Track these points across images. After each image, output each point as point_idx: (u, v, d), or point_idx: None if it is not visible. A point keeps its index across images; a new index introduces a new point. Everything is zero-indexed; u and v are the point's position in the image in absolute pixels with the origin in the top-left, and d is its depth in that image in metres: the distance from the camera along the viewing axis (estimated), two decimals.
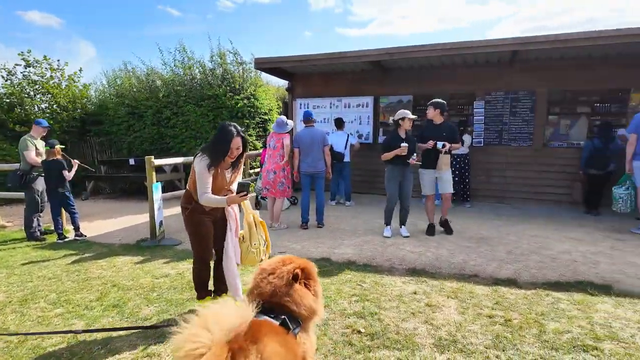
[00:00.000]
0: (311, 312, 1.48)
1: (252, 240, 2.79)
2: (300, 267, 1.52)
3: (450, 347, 2.28)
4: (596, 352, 2.19)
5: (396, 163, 4.70)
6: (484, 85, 7.39)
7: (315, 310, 1.49)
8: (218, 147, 2.59)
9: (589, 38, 5.73)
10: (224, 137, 2.57)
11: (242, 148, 2.67)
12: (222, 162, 2.65)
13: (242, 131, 2.67)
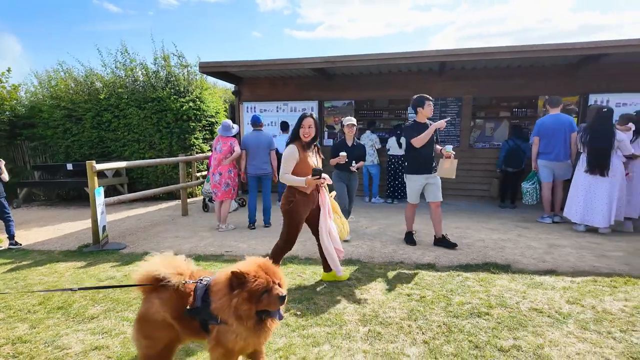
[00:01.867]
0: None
1: (340, 214, 3.55)
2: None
3: (372, 320, 2.66)
4: (487, 316, 2.68)
5: (340, 168, 4.91)
6: (418, 91, 7.93)
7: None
8: (294, 129, 3.15)
9: (504, 52, 6.51)
10: (298, 119, 3.14)
11: (315, 131, 3.12)
12: (302, 143, 3.13)
13: (313, 114, 3.16)
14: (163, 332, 1.78)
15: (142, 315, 1.80)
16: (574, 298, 2.95)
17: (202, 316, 1.70)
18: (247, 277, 1.63)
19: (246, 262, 1.74)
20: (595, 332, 2.43)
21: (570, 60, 6.83)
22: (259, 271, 1.67)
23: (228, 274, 1.67)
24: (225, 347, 1.68)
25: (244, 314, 1.62)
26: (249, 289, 1.62)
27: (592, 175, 4.80)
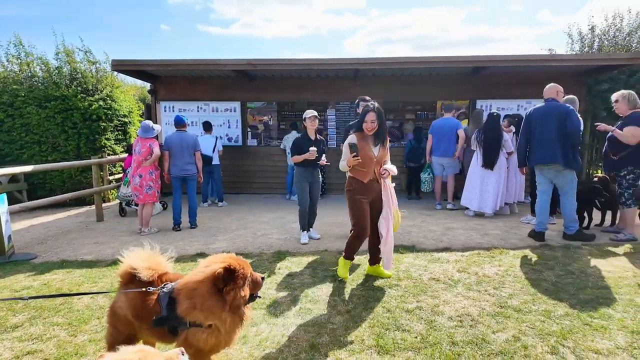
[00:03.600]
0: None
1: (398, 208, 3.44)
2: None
3: (302, 299, 3.02)
4: (397, 287, 3.21)
5: (306, 165, 4.61)
6: (335, 95, 8.68)
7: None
8: (358, 120, 3.30)
9: (410, 62, 7.38)
10: (362, 112, 3.25)
11: (379, 123, 3.20)
12: (364, 134, 3.25)
13: (378, 107, 3.23)
14: (124, 327, 1.89)
15: (111, 305, 1.93)
16: (463, 268, 3.65)
17: (170, 323, 1.75)
18: (235, 269, 1.72)
19: (214, 257, 1.83)
20: (477, 291, 3.10)
21: (461, 70, 7.98)
22: (237, 261, 1.78)
23: (208, 273, 1.71)
24: (196, 348, 1.75)
25: (242, 301, 1.72)
26: (241, 277, 1.73)
27: (486, 169, 5.77)
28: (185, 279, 1.81)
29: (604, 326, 2.44)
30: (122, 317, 1.89)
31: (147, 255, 1.95)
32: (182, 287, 1.77)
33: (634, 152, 4.22)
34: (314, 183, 4.80)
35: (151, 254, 1.97)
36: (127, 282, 1.91)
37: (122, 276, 1.92)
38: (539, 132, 4.39)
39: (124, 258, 1.92)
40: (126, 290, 1.87)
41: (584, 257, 3.83)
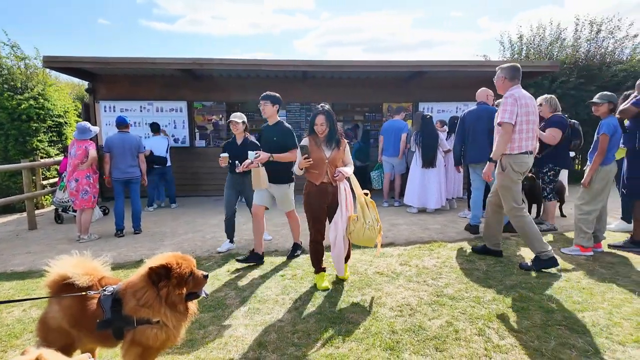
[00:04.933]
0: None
1: (367, 219, 3.14)
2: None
3: (251, 299, 3.05)
4: (344, 282, 3.35)
5: (232, 172, 4.40)
6: (285, 96, 8.64)
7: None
8: (309, 123, 3.34)
9: (354, 65, 7.63)
10: (312, 115, 3.28)
11: (328, 126, 3.21)
12: (316, 137, 3.26)
13: (328, 110, 3.26)
14: (58, 338, 1.81)
15: (42, 317, 1.83)
16: (404, 261, 3.87)
17: (116, 325, 1.75)
18: (171, 266, 1.77)
19: (158, 257, 1.86)
20: (416, 282, 3.31)
21: (403, 74, 8.36)
22: (177, 259, 1.82)
23: (145, 271, 1.78)
24: (145, 346, 1.75)
25: (177, 299, 1.77)
26: (177, 275, 1.76)
27: (425, 168, 6.11)
28: (130, 278, 1.85)
29: (524, 308, 2.73)
30: (55, 328, 1.82)
31: (79, 261, 1.89)
32: (127, 286, 1.81)
33: (554, 151, 4.71)
34: (244, 191, 4.45)
35: (83, 260, 1.91)
36: (56, 292, 1.83)
37: (50, 286, 1.84)
38: (472, 133, 4.76)
39: (52, 267, 1.84)
40: (53, 301, 1.82)
41: (511, 247, 4.22)
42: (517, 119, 3.39)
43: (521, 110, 3.38)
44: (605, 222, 4.03)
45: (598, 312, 2.61)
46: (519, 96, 3.41)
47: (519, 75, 3.56)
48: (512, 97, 3.41)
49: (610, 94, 3.81)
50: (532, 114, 3.45)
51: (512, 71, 3.55)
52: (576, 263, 3.63)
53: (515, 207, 3.51)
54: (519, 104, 3.39)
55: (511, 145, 3.44)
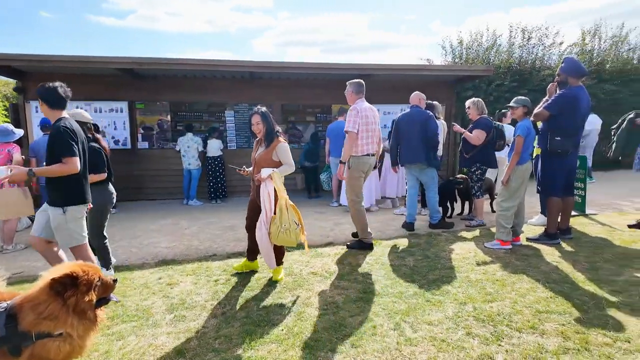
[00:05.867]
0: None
1: (282, 222, 3.20)
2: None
3: (178, 307, 3.00)
4: (277, 284, 3.38)
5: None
6: (233, 97, 8.62)
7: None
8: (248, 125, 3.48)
9: (296, 67, 7.69)
10: (249, 116, 3.41)
11: (264, 126, 3.34)
12: (256, 138, 3.49)
13: (263, 111, 3.38)
14: None
15: None
16: (340, 260, 3.98)
17: (12, 343, 1.68)
18: (77, 274, 1.73)
19: (60, 267, 1.81)
20: (347, 281, 3.42)
21: (351, 76, 8.50)
22: (82, 267, 1.79)
23: (47, 283, 1.72)
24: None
25: (87, 306, 1.74)
26: (85, 282, 1.74)
27: None
28: (27, 292, 1.78)
29: (441, 301, 2.91)
30: None
31: None
32: (23, 301, 1.75)
33: (481, 152, 5.02)
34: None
35: None
36: None
37: None
38: (406, 135, 4.96)
39: None
40: None
41: (441, 243, 4.45)
42: (359, 127, 4.03)
43: (362, 120, 4.04)
44: (523, 217, 4.36)
45: (505, 302, 2.83)
46: (360, 109, 4.06)
47: (363, 90, 4.26)
48: (355, 109, 4.05)
49: (525, 99, 4.13)
50: (371, 124, 4.13)
51: (358, 86, 4.22)
52: (495, 256, 3.90)
53: (355, 200, 4.24)
54: (360, 115, 4.04)
55: (356, 149, 4.10)
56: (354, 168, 4.17)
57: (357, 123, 4.03)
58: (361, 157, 4.14)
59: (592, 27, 11.44)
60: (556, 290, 3.00)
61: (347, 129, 4.05)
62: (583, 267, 3.48)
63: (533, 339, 2.31)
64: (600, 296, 2.85)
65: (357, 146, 4.10)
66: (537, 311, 2.66)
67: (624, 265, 3.48)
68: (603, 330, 2.36)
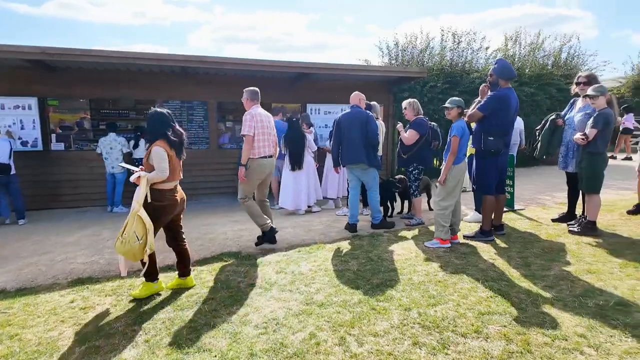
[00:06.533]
0: None
1: (125, 231, 2.94)
2: None
3: (93, 337, 2.58)
4: (211, 301, 3.06)
5: None
6: (163, 93, 7.97)
7: None
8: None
9: (237, 63, 7.30)
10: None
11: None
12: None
13: (151, 111, 3.21)
14: None
15: None
16: (281, 268, 3.74)
17: None
18: None
19: None
20: (289, 291, 3.20)
21: (290, 75, 8.32)
22: None
23: None
24: None
25: None
26: None
27: (294, 171, 6.12)
28: None
29: (386, 308, 2.81)
30: None
31: None
32: None
33: (418, 152, 5.08)
34: None
35: None
36: None
37: None
38: (347, 136, 4.86)
39: None
40: None
41: (383, 244, 4.41)
42: (255, 131, 4.23)
43: (257, 124, 4.26)
44: (460, 215, 4.47)
45: (448, 305, 2.81)
46: (255, 114, 4.29)
47: (258, 97, 4.47)
48: (250, 114, 4.27)
49: (458, 99, 4.22)
50: (266, 128, 4.38)
51: (253, 94, 4.43)
52: (436, 255, 3.93)
53: (243, 198, 4.44)
54: (255, 119, 4.25)
55: (253, 152, 4.28)
56: (252, 169, 4.33)
57: (253, 127, 4.22)
58: (259, 159, 4.32)
59: (513, 34, 12.41)
60: (495, 288, 3.04)
61: (243, 133, 4.25)
62: (517, 263, 3.61)
63: (478, 344, 2.28)
64: (535, 293, 2.94)
65: (254, 149, 4.28)
66: (479, 313, 2.65)
67: (552, 259, 3.67)
68: (542, 329, 2.40)
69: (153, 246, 3.07)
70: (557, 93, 11.25)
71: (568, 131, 4.63)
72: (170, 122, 3.24)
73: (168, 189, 3.18)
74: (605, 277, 3.15)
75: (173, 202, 3.23)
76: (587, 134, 4.13)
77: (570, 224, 4.69)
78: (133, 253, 2.96)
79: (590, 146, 4.14)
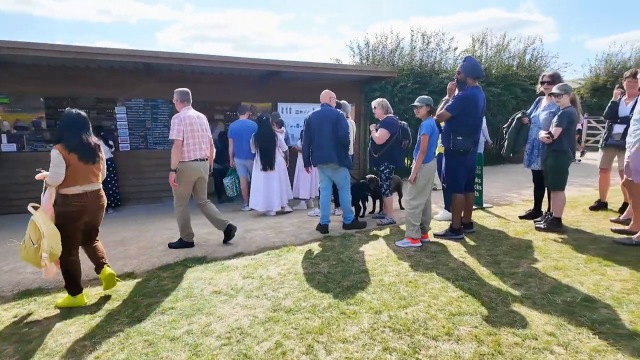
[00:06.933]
0: None
1: (26, 234, 2.86)
2: None
3: (36, 355, 2.33)
4: (171, 310, 2.87)
5: None
6: (125, 91, 7.59)
7: None
8: None
9: (204, 60, 7.03)
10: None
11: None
12: None
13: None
14: None
15: None
16: (249, 273, 3.58)
17: None
18: None
19: None
20: (256, 297, 3.05)
21: (261, 73, 8.13)
22: None
23: None
24: None
25: None
26: None
27: (265, 171, 5.96)
28: None
29: (356, 312, 2.71)
30: None
31: None
32: None
33: (388, 151, 5.04)
34: None
35: None
36: None
37: None
38: (318, 135, 4.75)
39: None
40: None
41: (355, 244, 4.33)
42: (184, 135, 4.15)
43: (186, 128, 4.18)
44: (430, 214, 4.45)
45: (419, 306, 2.74)
46: (184, 117, 4.21)
47: (189, 98, 4.42)
48: (178, 118, 4.19)
49: (427, 98, 4.19)
50: (196, 130, 4.29)
51: (183, 95, 4.37)
52: (407, 255, 3.88)
53: (177, 203, 4.39)
54: (183, 122, 4.17)
55: (183, 155, 4.20)
56: (183, 174, 4.26)
57: (181, 131, 4.14)
58: (189, 162, 4.25)
59: (480, 35, 12.72)
60: (465, 288, 3.01)
61: (171, 137, 4.17)
62: (487, 261, 3.61)
63: (449, 347, 2.21)
64: (504, 291, 2.92)
65: (184, 152, 4.20)
66: (450, 314, 2.60)
67: (520, 256, 3.69)
68: (512, 328, 2.37)
69: (56, 253, 2.85)
70: (521, 93, 11.61)
71: (534, 129, 4.71)
72: (80, 127, 3.07)
73: (73, 194, 3.01)
74: (572, 273, 3.19)
75: (80, 208, 3.05)
76: (551, 133, 4.21)
77: (536, 220, 4.77)
78: (31, 258, 2.84)
79: (555, 144, 4.22)
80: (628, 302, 2.62)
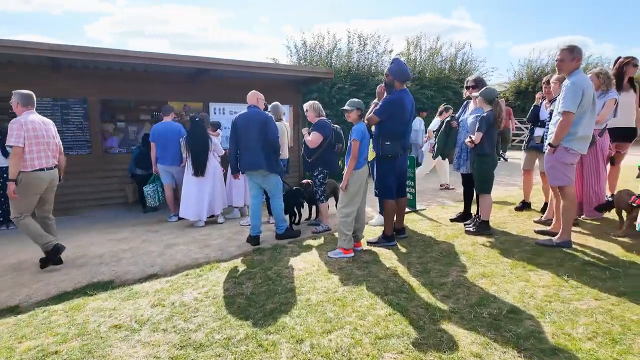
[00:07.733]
0: None
1: None
2: None
3: None
4: (54, 355, 2.38)
5: None
6: (29, 89, 6.61)
7: None
8: None
9: (120, 55, 6.36)
10: None
11: None
12: None
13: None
14: None
15: None
16: (161, 299, 3.15)
17: None
18: None
19: None
20: (162, 331, 2.64)
21: (189, 71, 7.55)
22: None
23: None
24: None
25: None
26: None
27: (197, 177, 5.48)
28: None
29: (275, 342, 2.42)
30: None
31: None
32: None
33: (322, 155, 4.83)
34: None
35: None
36: None
37: None
38: (244, 139, 4.40)
39: None
40: None
41: (285, 257, 4.04)
42: (26, 141, 3.78)
43: (29, 134, 3.83)
44: (364, 221, 4.30)
45: (344, 330, 2.52)
46: (25, 122, 3.84)
47: (33, 102, 4.08)
48: (18, 122, 3.80)
49: (358, 101, 4.03)
50: (41, 137, 3.94)
51: (25, 98, 4.01)
52: (338, 267, 3.68)
53: (17, 217, 3.91)
54: (24, 128, 3.79)
55: (24, 164, 3.82)
56: (26, 185, 3.86)
57: (22, 136, 3.77)
58: (32, 172, 3.87)
59: (415, 39, 13.06)
60: (394, 303, 2.85)
61: (8, 144, 3.80)
62: (417, 271, 3.50)
63: None
64: (433, 306, 2.80)
65: (26, 161, 3.83)
66: (376, 337, 2.40)
67: (450, 263, 3.64)
68: (438, 352, 2.21)
69: None
70: (453, 96, 12.10)
71: (462, 133, 4.75)
72: None
73: None
74: (499, 281, 3.17)
75: None
76: (472, 138, 4.25)
77: (466, 223, 4.82)
78: None
79: (478, 148, 4.26)
80: (550, 312, 2.61)
